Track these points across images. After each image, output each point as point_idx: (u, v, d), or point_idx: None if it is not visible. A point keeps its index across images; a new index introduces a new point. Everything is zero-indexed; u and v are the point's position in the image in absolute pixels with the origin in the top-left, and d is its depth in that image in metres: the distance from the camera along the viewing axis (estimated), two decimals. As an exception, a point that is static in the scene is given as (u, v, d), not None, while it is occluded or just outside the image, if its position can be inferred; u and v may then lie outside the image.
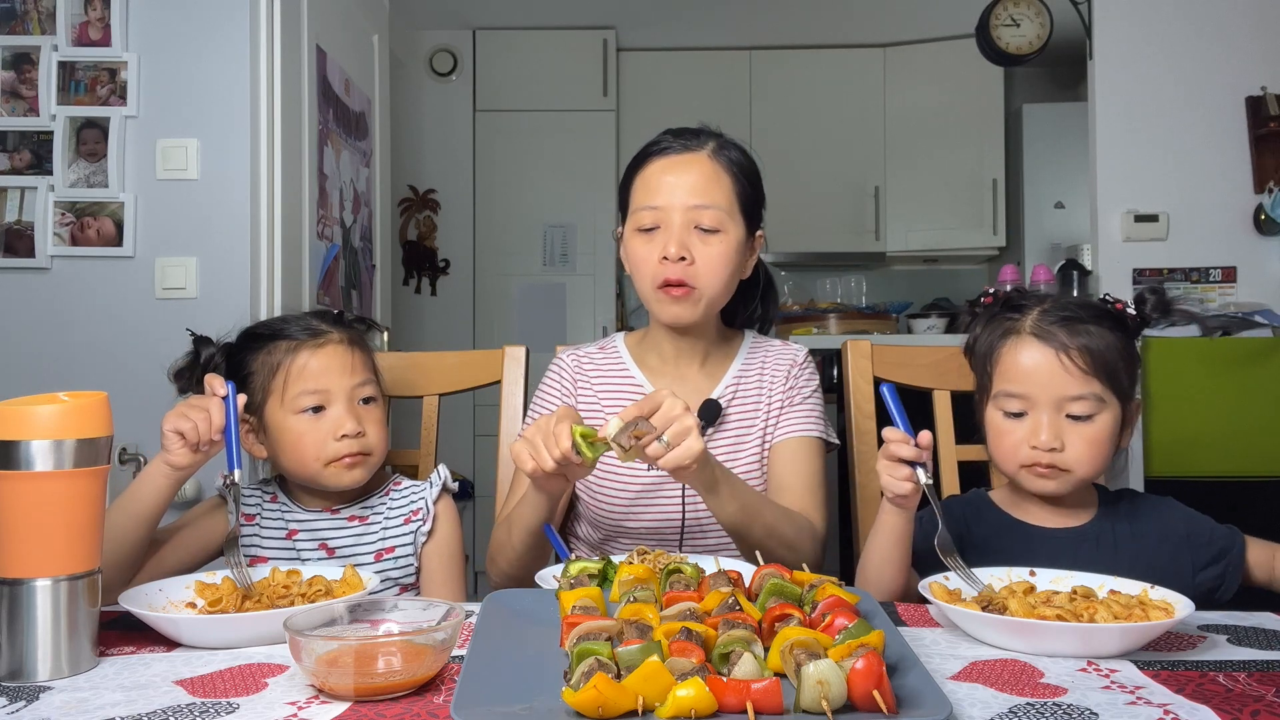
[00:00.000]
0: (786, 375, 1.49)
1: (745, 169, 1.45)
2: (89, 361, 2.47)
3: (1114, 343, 1.20)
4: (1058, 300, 1.24)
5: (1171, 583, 1.00)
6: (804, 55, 4.90)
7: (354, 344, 1.37)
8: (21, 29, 2.52)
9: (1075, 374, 1.18)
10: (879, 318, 4.32)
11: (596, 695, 0.68)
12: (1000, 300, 1.28)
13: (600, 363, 1.54)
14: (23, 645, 0.86)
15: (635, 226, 1.42)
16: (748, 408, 1.48)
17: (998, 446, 1.24)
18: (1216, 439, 2.72)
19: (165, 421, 1.18)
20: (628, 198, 1.46)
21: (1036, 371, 1.19)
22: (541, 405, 1.52)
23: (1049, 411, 1.19)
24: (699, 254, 1.38)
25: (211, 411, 1.18)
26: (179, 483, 1.22)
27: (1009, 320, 1.24)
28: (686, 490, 1.42)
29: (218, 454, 1.21)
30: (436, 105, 4.77)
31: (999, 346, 1.23)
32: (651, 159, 1.44)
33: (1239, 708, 0.75)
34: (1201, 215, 3.10)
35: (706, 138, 1.45)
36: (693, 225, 1.39)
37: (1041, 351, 1.19)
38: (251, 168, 2.51)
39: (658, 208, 1.40)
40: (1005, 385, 1.21)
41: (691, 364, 1.50)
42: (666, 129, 1.48)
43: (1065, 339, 1.19)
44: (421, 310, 4.77)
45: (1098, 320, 1.21)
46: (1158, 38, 3.11)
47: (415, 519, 1.36)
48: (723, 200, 1.40)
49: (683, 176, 1.40)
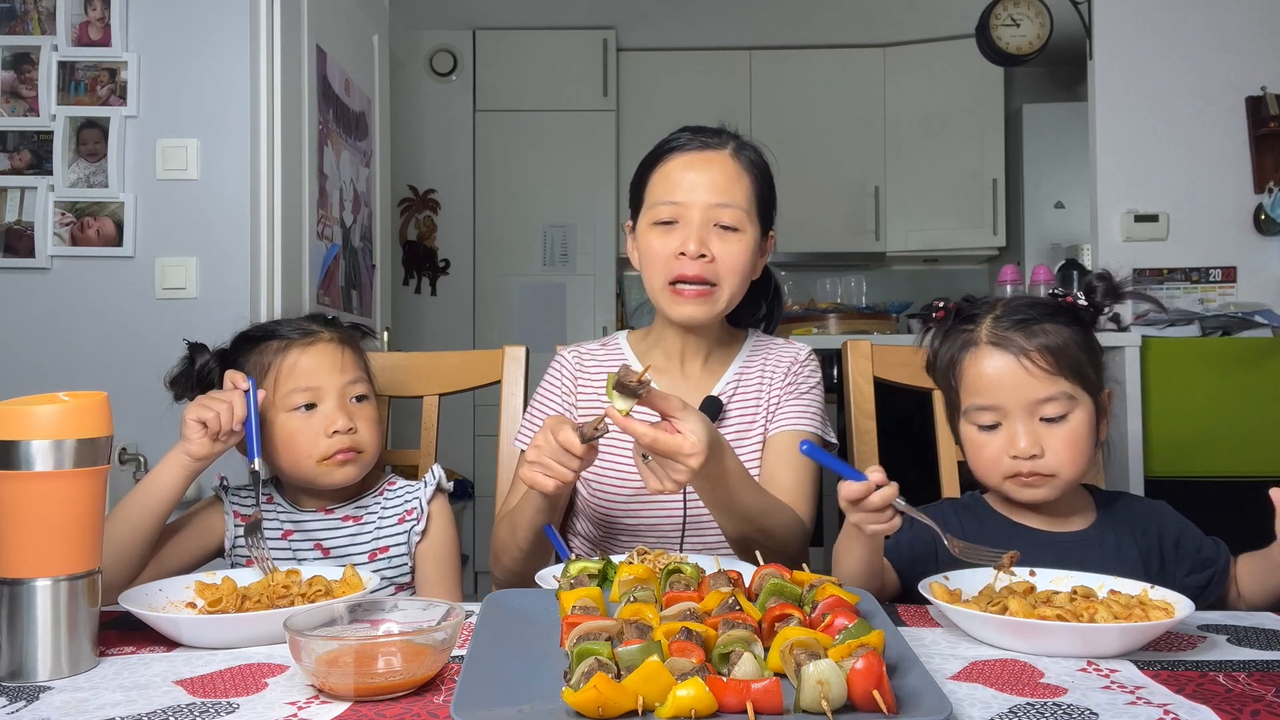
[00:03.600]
0: (787, 371, 1.49)
1: (762, 170, 1.45)
2: (89, 361, 2.47)
3: (1072, 337, 1.19)
4: (1009, 304, 1.23)
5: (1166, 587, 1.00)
6: (804, 55, 4.90)
7: (345, 343, 1.38)
8: (21, 29, 2.52)
9: (1040, 375, 1.17)
10: (879, 318, 4.32)
11: (596, 695, 0.68)
12: (952, 312, 1.27)
13: (602, 359, 1.54)
14: (23, 645, 0.86)
15: (652, 220, 1.41)
16: (748, 404, 1.48)
17: (977, 460, 1.22)
18: (1216, 439, 2.72)
19: (188, 411, 1.24)
20: (642, 192, 1.46)
21: (1001, 379, 1.18)
22: (542, 403, 1.52)
23: (1022, 418, 1.17)
24: (718, 252, 1.38)
25: (234, 403, 1.24)
26: (195, 474, 1.25)
27: (965, 332, 1.23)
28: (687, 487, 1.42)
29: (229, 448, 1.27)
30: (436, 105, 4.77)
31: (960, 360, 1.22)
32: (672, 154, 1.43)
33: (1239, 708, 0.75)
34: (1201, 215, 3.10)
35: (727, 137, 1.44)
36: (712, 223, 1.39)
37: (1002, 358, 1.18)
38: (251, 168, 2.51)
39: (678, 203, 1.39)
40: (973, 399, 1.20)
41: (695, 361, 1.50)
42: (685, 126, 1.47)
43: (1023, 342, 1.17)
44: (421, 310, 4.77)
45: (1051, 317, 1.20)
46: (1158, 38, 3.11)
47: (409, 519, 1.36)
48: (742, 200, 1.40)
49: (704, 174, 1.39)
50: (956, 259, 5.08)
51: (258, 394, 1.27)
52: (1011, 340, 1.18)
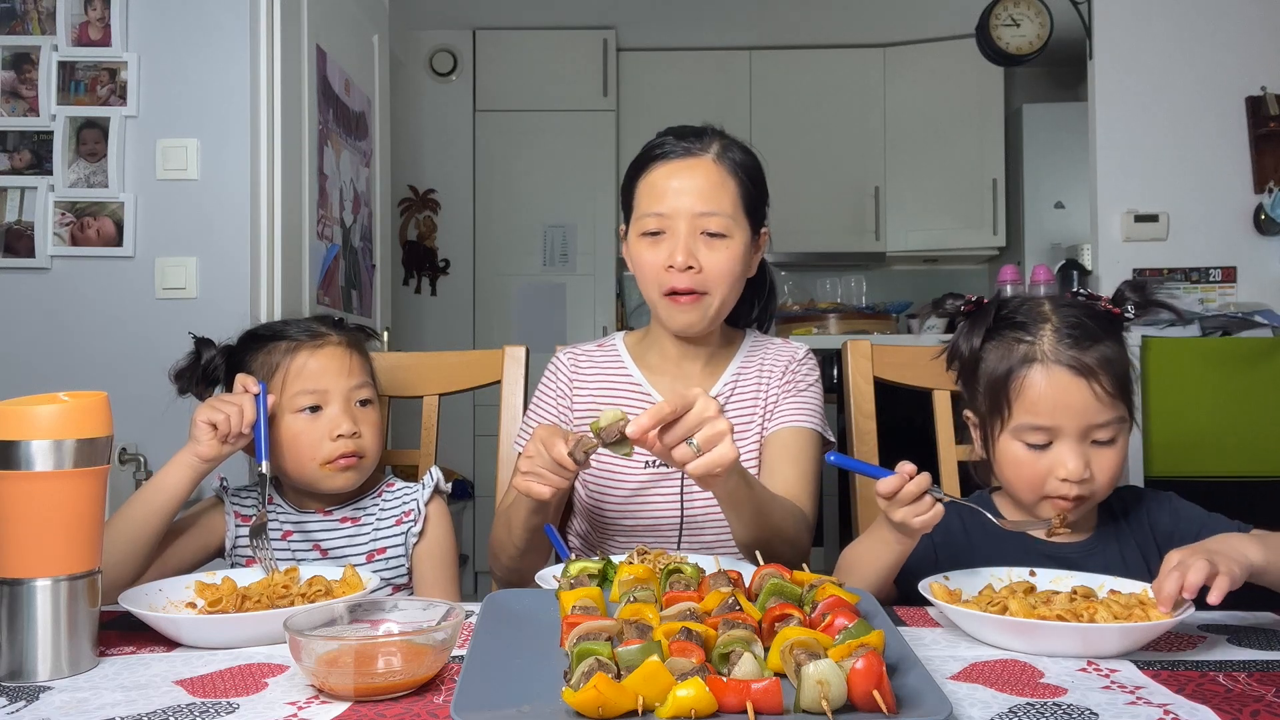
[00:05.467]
0: (785, 369, 1.49)
1: (749, 170, 1.43)
2: (89, 361, 2.47)
3: (1123, 355, 1.16)
4: (1061, 313, 1.18)
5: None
6: (804, 55, 4.90)
7: (352, 346, 1.38)
8: (21, 29, 2.52)
9: (1105, 400, 1.13)
10: (879, 318, 4.32)
11: (596, 695, 0.68)
12: (988, 309, 1.21)
13: (598, 360, 1.53)
14: (23, 645, 0.86)
15: (640, 231, 1.41)
16: (745, 404, 1.47)
17: (1018, 478, 1.17)
18: (1216, 439, 2.72)
19: (198, 413, 1.25)
20: (630, 200, 1.45)
21: (1069, 403, 1.13)
22: (538, 407, 1.52)
23: (1075, 440, 1.13)
24: (706, 260, 1.37)
25: (244, 406, 1.25)
26: (202, 475, 1.26)
27: (1022, 343, 1.17)
28: (685, 485, 1.42)
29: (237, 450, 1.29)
30: (436, 105, 4.77)
31: (1018, 374, 1.15)
32: (655, 163, 1.41)
33: (1239, 708, 0.75)
34: (1201, 215, 3.10)
35: (710, 139, 1.42)
36: (699, 231, 1.37)
37: (1073, 381, 1.13)
38: (251, 168, 2.51)
39: (663, 214, 1.38)
40: (1031, 417, 1.14)
41: (695, 362, 1.49)
42: (668, 128, 1.46)
43: (1092, 363, 1.13)
44: (421, 310, 4.77)
45: (1107, 332, 1.17)
46: (1158, 38, 3.11)
47: (406, 520, 1.37)
48: (728, 205, 1.38)
49: (688, 182, 1.38)
50: (956, 259, 5.08)
51: (268, 398, 1.28)
52: (1080, 361, 1.13)
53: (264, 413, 1.27)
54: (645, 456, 1.43)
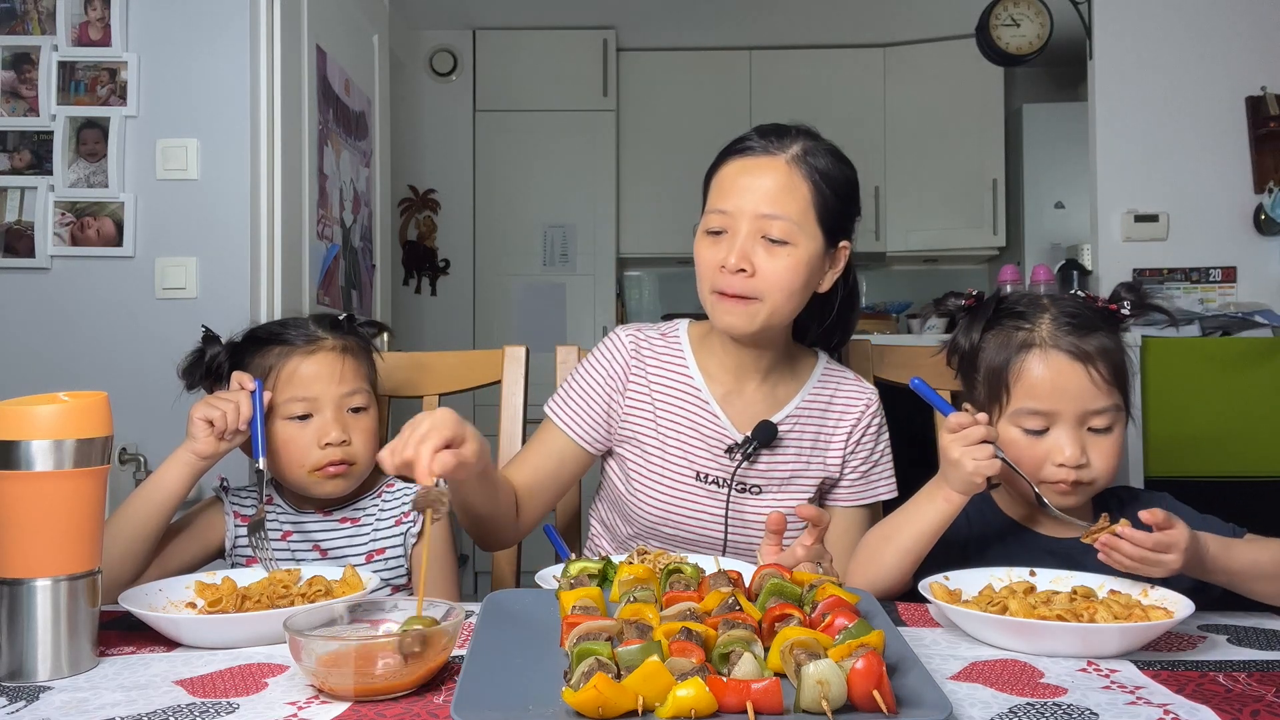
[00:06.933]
0: (856, 423, 1.42)
1: (831, 178, 1.33)
2: (89, 361, 2.47)
3: (1119, 346, 1.18)
4: (1059, 303, 1.20)
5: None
6: (804, 55, 4.90)
7: (347, 351, 1.37)
8: (21, 29, 2.52)
9: (1101, 386, 1.15)
10: (879, 318, 4.33)
11: (596, 695, 0.68)
12: (988, 302, 1.24)
13: (660, 351, 1.45)
14: (23, 645, 0.86)
15: (704, 228, 1.35)
16: (805, 442, 1.41)
17: (1016, 464, 1.18)
18: (1216, 439, 2.72)
19: (195, 410, 1.25)
20: (706, 194, 1.39)
21: (1066, 386, 1.15)
22: (583, 380, 1.44)
23: (1072, 426, 1.15)
24: (762, 265, 1.30)
25: (240, 403, 1.25)
26: (200, 473, 1.27)
27: (1020, 330, 1.19)
28: (731, 506, 1.38)
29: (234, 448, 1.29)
30: (436, 105, 4.77)
31: (1016, 360, 1.18)
32: (732, 158, 1.35)
33: (1239, 708, 0.75)
34: (1201, 215, 3.10)
35: (793, 140, 1.34)
36: (760, 234, 1.30)
37: (1069, 364, 1.15)
38: (251, 168, 2.51)
39: (726, 212, 1.32)
40: (1029, 402, 1.16)
41: (751, 379, 1.41)
42: (757, 124, 1.38)
43: (1089, 349, 1.15)
44: (421, 310, 4.77)
45: (1104, 324, 1.19)
46: (1157, 38, 3.11)
47: (405, 521, 1.37)
48: (795, 212, 1.30)
49: (756, 181, 1.31)
50: (956, 259, 5.08)
51: (263, 394, 1.28)
52: (1078, 346, 1.15)
53: (260, 410, 1.27)
54: (697, 468, 1.39)
